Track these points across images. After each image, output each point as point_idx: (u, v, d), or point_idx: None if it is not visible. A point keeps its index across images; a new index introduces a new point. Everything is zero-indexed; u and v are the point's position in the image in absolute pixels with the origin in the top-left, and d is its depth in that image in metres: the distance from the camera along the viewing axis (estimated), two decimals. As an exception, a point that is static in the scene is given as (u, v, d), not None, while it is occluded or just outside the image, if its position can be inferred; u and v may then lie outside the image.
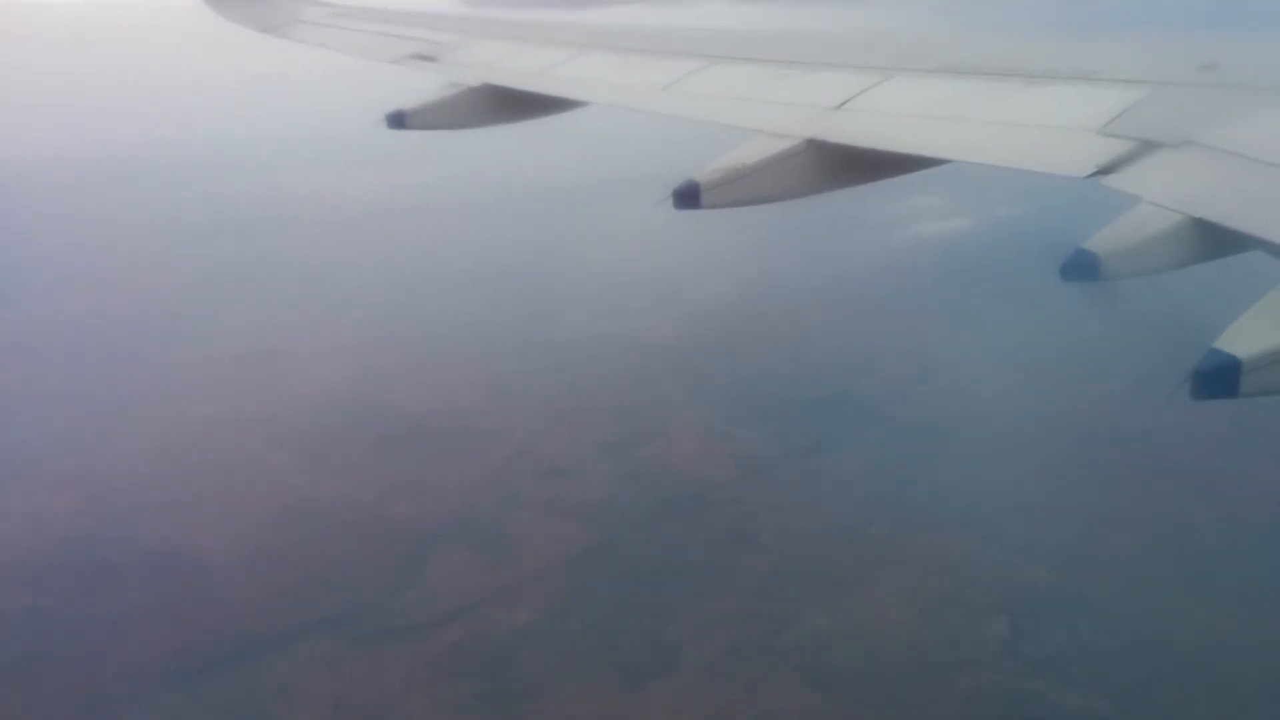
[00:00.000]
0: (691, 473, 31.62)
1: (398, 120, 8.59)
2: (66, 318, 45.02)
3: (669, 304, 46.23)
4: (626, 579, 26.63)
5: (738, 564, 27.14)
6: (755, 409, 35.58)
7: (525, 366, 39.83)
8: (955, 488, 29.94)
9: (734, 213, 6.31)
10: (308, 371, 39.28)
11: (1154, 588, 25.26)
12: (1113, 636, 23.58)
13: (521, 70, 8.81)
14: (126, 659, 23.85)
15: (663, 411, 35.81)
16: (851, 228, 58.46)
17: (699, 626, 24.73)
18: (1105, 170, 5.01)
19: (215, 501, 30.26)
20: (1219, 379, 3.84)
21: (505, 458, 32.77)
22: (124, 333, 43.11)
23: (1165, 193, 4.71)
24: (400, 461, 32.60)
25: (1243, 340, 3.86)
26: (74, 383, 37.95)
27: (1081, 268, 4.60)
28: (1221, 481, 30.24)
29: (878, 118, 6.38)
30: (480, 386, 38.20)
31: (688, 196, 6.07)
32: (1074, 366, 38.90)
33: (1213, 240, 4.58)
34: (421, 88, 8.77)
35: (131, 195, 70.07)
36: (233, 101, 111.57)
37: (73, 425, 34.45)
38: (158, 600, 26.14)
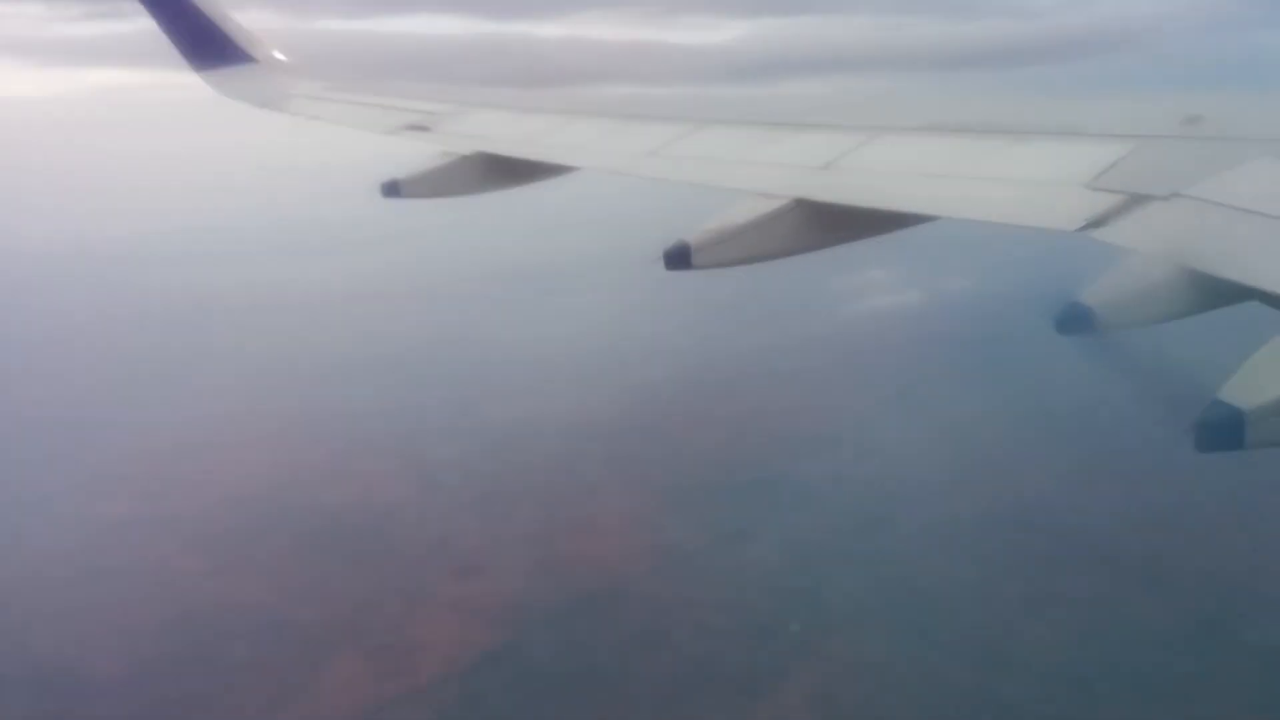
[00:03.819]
0: (611, 565, 30.21)
1: (392, 189, 8.75)
2: (2, 414, 44.30)
3: (615, 382, 45.08)
4: (526, 687, 25.16)
5: (644, 667, 25.61)
6: (687, 494, 34.24)
7: (461, 454, 38.68)
8: (884, 578, 28.42)
9: (713, 278, 6.24)
10: (236, 465, 38.27)
11: (1078, 692, 23.45)
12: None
13: (512, 138, 9.02)
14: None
15: (592, 499, 34.50)
16: (835, 289, 57.67)
17: (592, 740, 23.23)
18: (1095, 224, 4.94)
19: (114, 609, 29.05)
20: (1223, 431, 3.74)
21: (421, 554, 31.53)
22: (57, 426, 42.34)
23: (1157, 244, 4.73)
24: (312, 561, 31.37)
25: (1245, 391, 3.79)
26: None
27: (1076, 320, 4.71)
28: (1177, 566, 28.43)
29: (865, 176, 6.41)
30: (410, 477, 37.10)
31: (679, 258, 6.04)
32: (1059, 425, 37.44)
33: (1207, 291, 4.61)
34: (415, 158, 8.88)
35: (101, 286, 70.19)
36: (226, 179, 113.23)
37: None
38: (33, 720, 24.93)
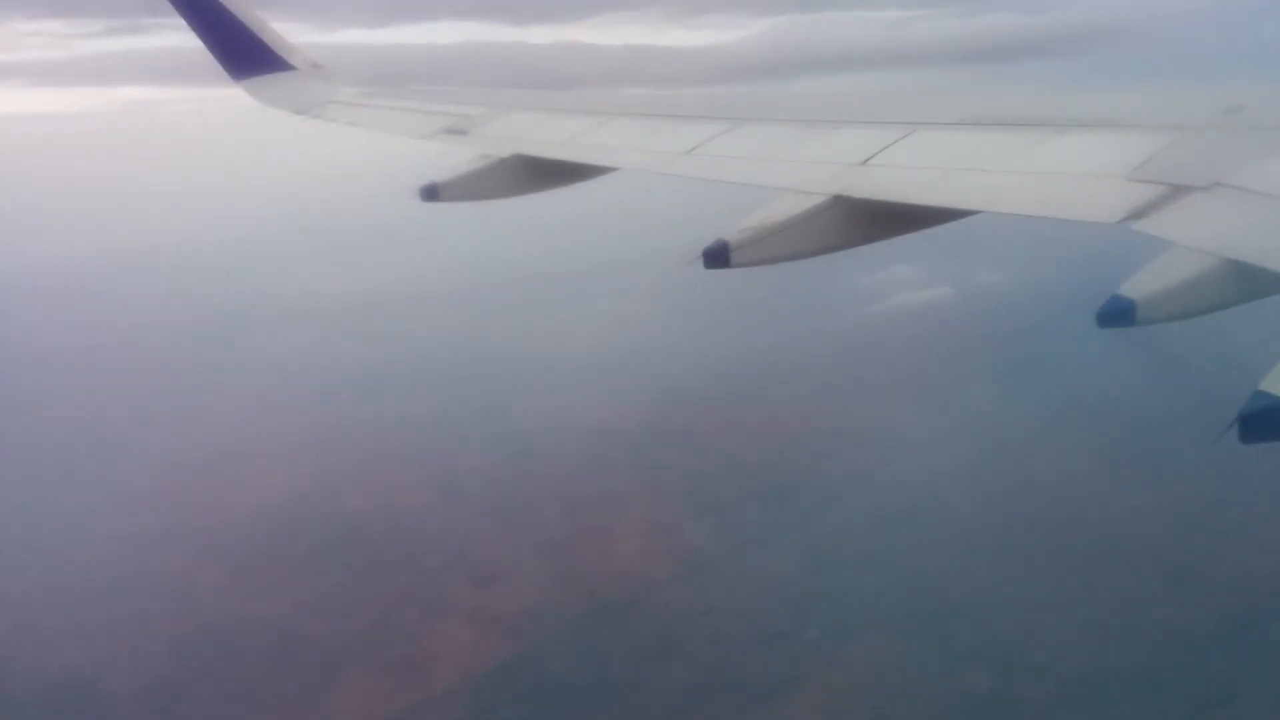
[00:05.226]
0: (629, 573, 29.87)
1: (431, 193, 8.79)
2: (33, 425, 44.82)
3: (644, 386, 44.72)
4: (537, 700, 24.88)
5: (658, 677, 25.24)
6: (710, 499, 33.84)
7: (486, 461, 38.47)
8: (907, 583, 27.88)
9: (752, 275, 6.26)
10: (261, 475, 38.30)
11: (1102, 695, 22.84)
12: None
13: (549, 140, 9.01)
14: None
15: (614, 505, 34.18)
16: (873, 286, 57.15)
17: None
18: (1136, 215, 4.90)
19: (131, 625, 29.08)
20: (1267, 422, 3.68)
21: (439, 564, 31.37)
22: (85, 441, 42.75)
23: (1198, 236, 4.67)
24: (330, 572, 31.28)
25: None
26: (18, 495, 37.30)
27: (1117, 313, 4.69)
28: (1205, 569, 27.62)
29: (903, 172, 6.39)
30: (433, 485, 36.96)
31: (717, 256, 6.05)
32: (1095, 420, 36.79)
33: (1250, 282, 4.59)
34: (453, 161, 8.88)
35: (141, 297, 71.10)
36: (259, 189, 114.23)
37: (5, 542, 33.76)
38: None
